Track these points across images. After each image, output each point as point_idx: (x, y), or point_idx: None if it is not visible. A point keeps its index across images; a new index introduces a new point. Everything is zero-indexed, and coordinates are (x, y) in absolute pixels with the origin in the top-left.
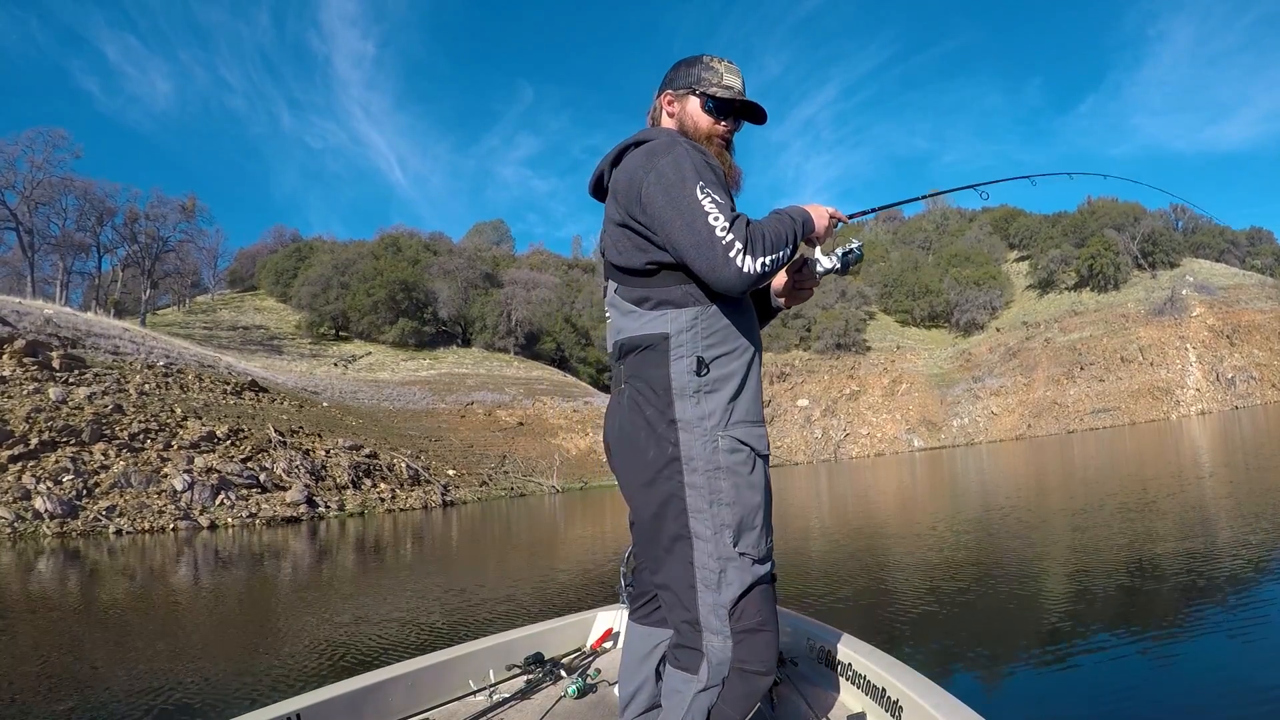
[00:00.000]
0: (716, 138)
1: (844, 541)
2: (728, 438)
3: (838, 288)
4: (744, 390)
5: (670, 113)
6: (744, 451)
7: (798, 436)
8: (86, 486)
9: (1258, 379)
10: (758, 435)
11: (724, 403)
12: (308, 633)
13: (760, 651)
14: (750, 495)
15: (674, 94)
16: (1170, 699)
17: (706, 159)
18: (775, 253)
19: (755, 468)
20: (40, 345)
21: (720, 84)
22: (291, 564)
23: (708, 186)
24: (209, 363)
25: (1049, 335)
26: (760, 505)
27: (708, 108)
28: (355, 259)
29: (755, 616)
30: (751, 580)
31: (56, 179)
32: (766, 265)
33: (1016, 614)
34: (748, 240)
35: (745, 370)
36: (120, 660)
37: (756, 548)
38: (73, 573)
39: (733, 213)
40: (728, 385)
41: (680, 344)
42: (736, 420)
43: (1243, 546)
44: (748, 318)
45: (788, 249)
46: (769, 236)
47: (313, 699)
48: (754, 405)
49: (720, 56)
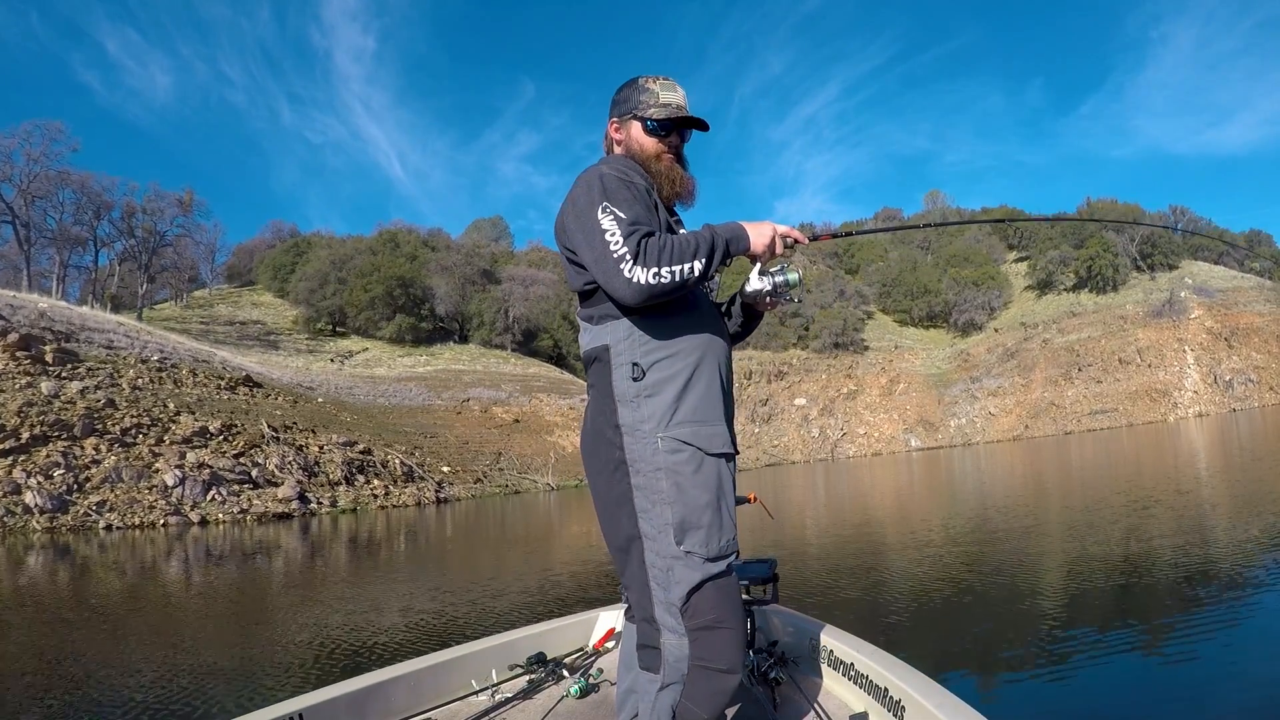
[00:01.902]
0: (665, 154)
1: (844, 541)
2: (668, 439)
3: (835, 287)
4: (688, 392)
5: (618, 140)
6: (686, 451)
7: (795, 435)
8: (77, 481)
9: (1255, 382)
10: (707, 434)
11: (664, 405)
12: (302, 631)
13: (718, 648)
14: (695, 494)
15: (618, 120)
16: (1169, 697)
17: (625, 177)
18: (674, 265)
19: (701, 467)
20: (34, 339)
21: (658, 104)
22: (284, 561)
23: (611, 205)
24: (204, 358)
25: (1047, 336)
26: (709, 504)
27: (650, 129)
28: (353, 254)
29: (709, 613)
30: (701, 577)
31: (53, 172)
32: (662, 277)
33: (1016, 614)
34: (640, 253)
35: (690, 373)
36: (114, 659)
37: (705, 546)
38: (63, 568)
39: (634, 226)
40: (668, 388)
41: (619, 353)
42: (679, 421)
43: (1239, 547)
44: (695, 321)
45: (694, 263)
46: (669, 250)
47: (315, 699)
48: (704, 405)
49: (656, 75)
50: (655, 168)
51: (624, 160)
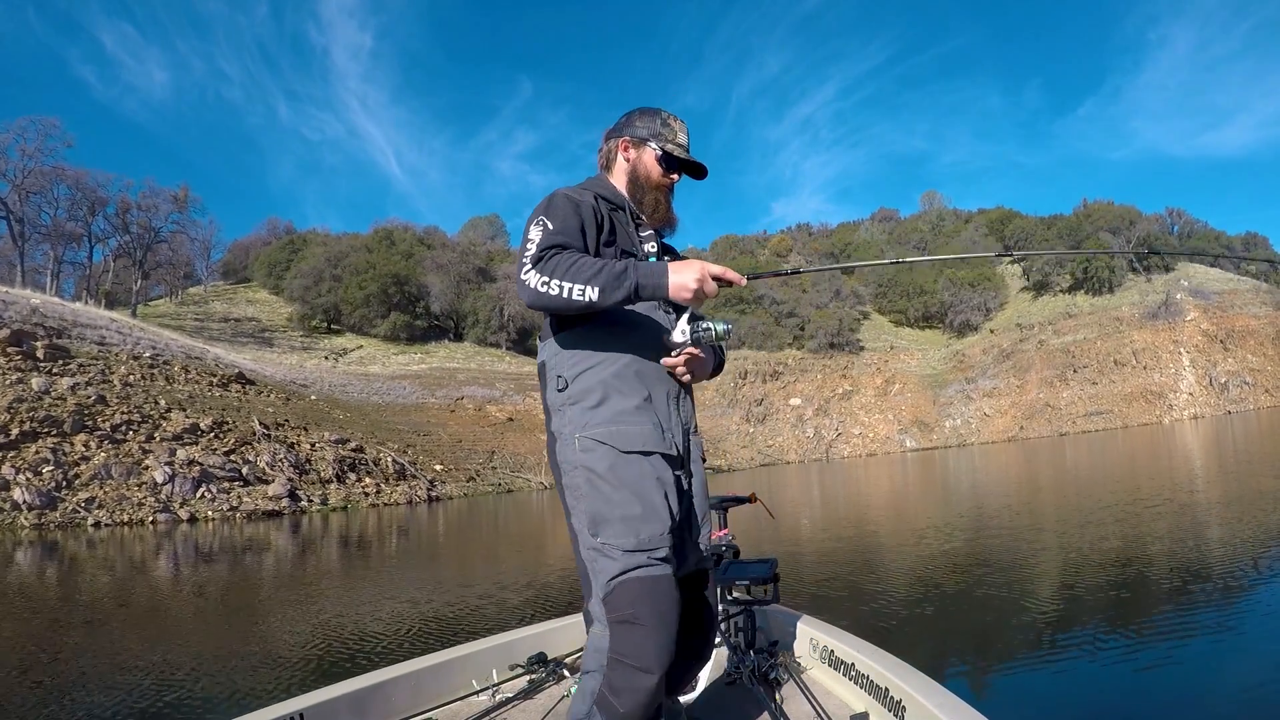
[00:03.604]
0: (664, 188)
1: (843, 541)
2: (584, 439)
3: (832, 287)
4: (607, 400)
5: (627, 158)
6: (600, 449)
7: (789, 435)
8: (66, 478)
9: (1251, 384)
10: (625, 433)
11: (583, 411)
12: (297, 631)
13: (633, 645)
14: (606, 490)
15: (631, 141)
16: (1166, 695)
17: (576, 198)
18: (566, 282)
19: (616, 462)
20: (25, 335)
21: (675, 141)
22: (275, 559)
23: (546, 218)
24: (196, 354)
25: (1043, 337)
26: (624, 498)
27: (661, 161)
28: (348, 252)
29: (626, 608)
30: (618, 570)
31: (48, 168)
32: (550, 288)
33: (1015, 614)
34: (540, 260)
35: (609, 383)
36: (109, 659)
37: (621, 538)
38: (52, 566)
39: (554, 237)
40: (588, 397)
41: (551, 367)
42: (597, 423)
43: (1232, 548)
44: (619, 338)
45: (587, 288)
46: (570, 267)
47: (316, 699)
48: (625, 410)
49: (675, 114)
50: (655, 196)
51: (599, 182)
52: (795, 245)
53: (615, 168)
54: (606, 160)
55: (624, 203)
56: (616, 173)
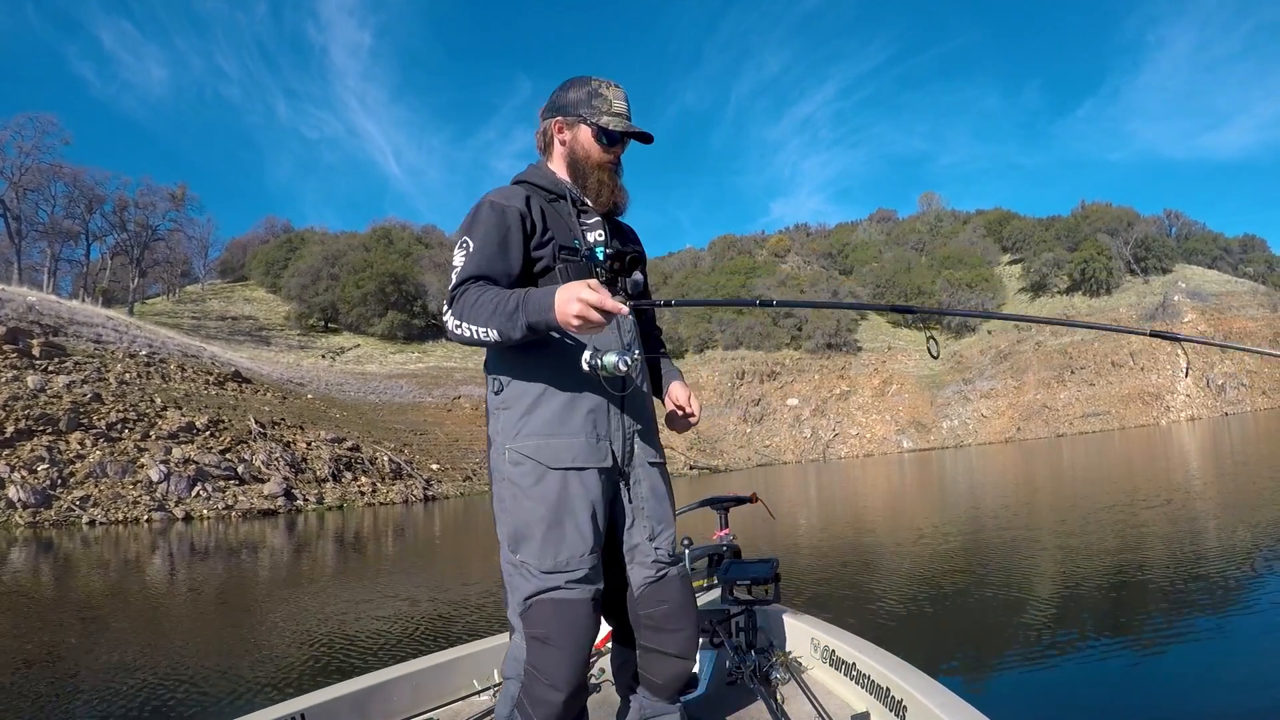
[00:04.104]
0: (608, 164)
1: (842, 542)
2: (513, 450)
3: (829, 288)
4: (539, 406)
5: (562, 140)
6: (527, 464)
7: (787, 436)
8: (61, 476)
9: (1248, 386)
10: (553, 447)
11: (514, 418)
12: (295, 631)
13: (545, 663)
14: (529, 507)
15: (564, 121)
16: (1163, 694)
17: (501, 207)
18: (472, 325)
19: (542, 480)
20: (21, 332)
21: (611, 111)
22: (271, 558)
23: (469, 239)
24: (193, 352)
25: (1040, 339)
26: (543, 518)
27: (599, 137)
28: (346, 250)
29: (539, 626)
30: (533, 590)
31: (45, 165)
32: (463, 331)
33: (1014, 613)
34: (453, 300)
35: (543, 388)
36: (107, 659)
37: (539, 559)
38: (46, 564)
39: (467, 274)
40: (520, 402)
41: (490, 369)
42: (526, 434)
43: (1228, 548)
44: (558, 340)
45: (488, 329)
46: (474, 308)
47: (317, 699)
48: (556, 419)
49: (607, 79)
50: (598, 177)
51: (536, 171)
52: (793, 246)
53: (553, 152)
54: (544, 144)
55: (564, 190)
56: (555, 157)
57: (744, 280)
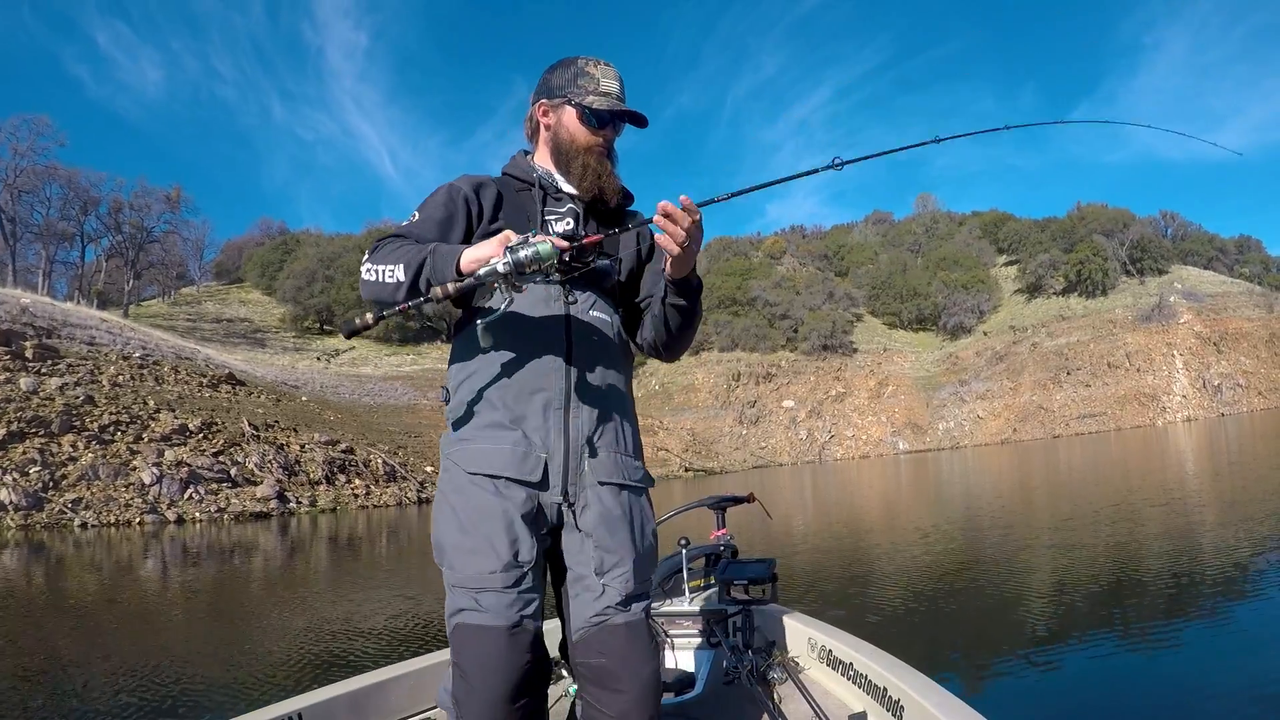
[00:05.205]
0: (597, 147)
1: (840, 542)
2: (444, 458)
3: (825, 289)
4: (470, 415)
5: (546, 124)
6: (453, 470)
7: (782, 437)
8: (53, 478)
9: (1244, 386)
10: (471, 451)
11: (451, 429)
12: (291, 633)
13: (460, 693)
14: (446, 514)
15: (549, 104)
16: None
17: (455, 188)
18: (381, 265)
19: (458, 487)
20: (14, 334)
21: (598, 91)
22: (265, 560)
23: (415, 212)
24: (187, 355)
25: (1036, 340)
26: (456, 526)
27: (585, 119)
28: (341, 252)
29: (454, 653)
30: (451, 608)
31: (40, 167)
32: (370, 273)
33: (1013, 614)
34: (375, 248)
35: (477, 391)
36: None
37: (451, 570)
38: (39, 567)
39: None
40: (457, 412)
41: (447, 376)
42: (456, 439)
43: (1223, 549)
44: (497, 334)
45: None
46: (390, 252)
47: (314, 698)
48: (484, 424)
49: (596, 58)
50: (584, 161)
51: (513, 161)
52: (789, 247)
53: (540, 138)
54: (530, 130)
55: (535, 178)
56: (540, 144)
57: (740, 282)
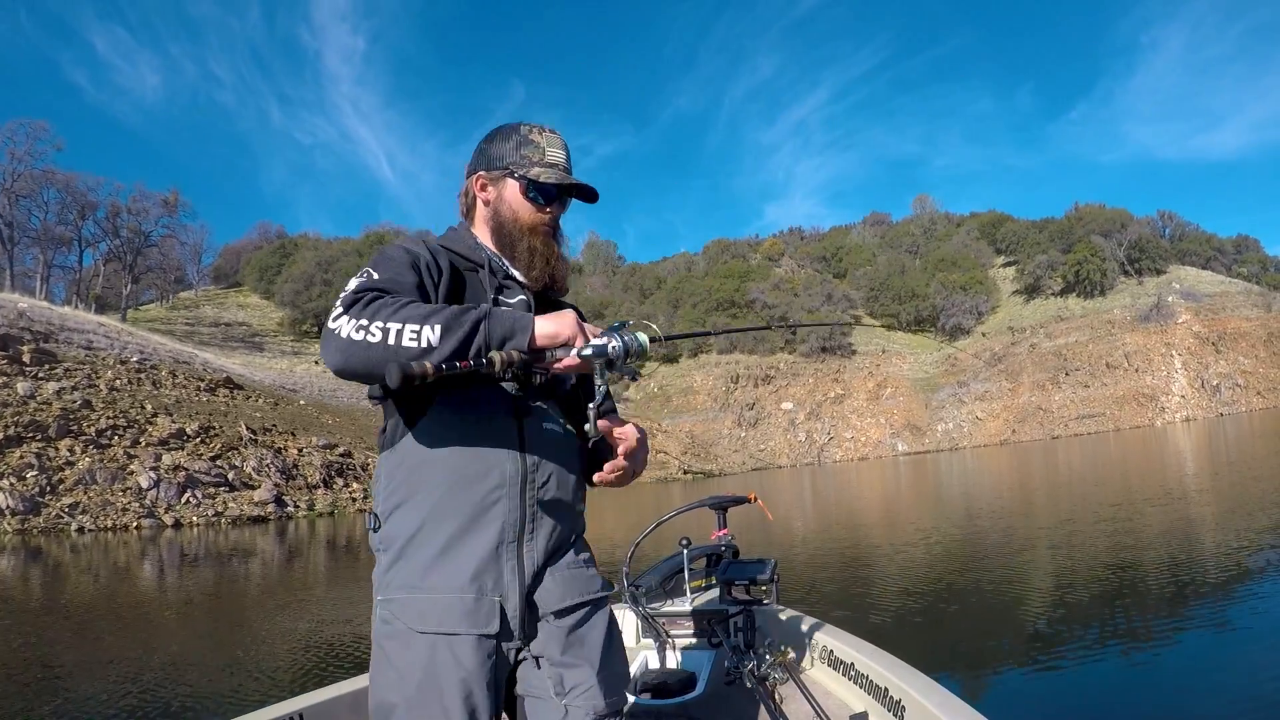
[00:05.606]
0: (542, 226)
1: (839, 543)
2: (380, 605)
3: (823, 291)
4: (408, 552)
5: (485, 199)
6: (395, 623)
7: (781, 440)
8: (50, 483)
9: (1243, 386)
10: (418, 604)
11: (388, 563)
12: (288, 636)
13: None
14: (393, 677)
15: (487, 176)
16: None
17: (413, 252)
18: (388, 322)
19: (407, 644)
20: (11, 339)
21: (543, 162)
22: (263, 564)
23: (371, 270)
24: (184, 359)
25: (1035, 341)
26: (406, 697)
27: (529, 194)
28: (339, 256)
29: None
30: None
31: (38, 171)
32: (367, 334)
33: (1013, 615)
34: (355, 303)
35: (420, 523)
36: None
37: None
38: (36, 571)
39: (375, 283)
40: (392, 546)
41: (374, 496)
42: (394, 587)
43: (1222, 549)
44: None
45: (424, 327)
46: (395, 309)
47: (315, 699)
48: (427, 567)
49: (540, 125)
50: (529, 244)
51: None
52: (787, 249)
53: (476, 215)
54: (466, 206)
55: (484, 259)
56: (478, 221)
57: (738, 284)
